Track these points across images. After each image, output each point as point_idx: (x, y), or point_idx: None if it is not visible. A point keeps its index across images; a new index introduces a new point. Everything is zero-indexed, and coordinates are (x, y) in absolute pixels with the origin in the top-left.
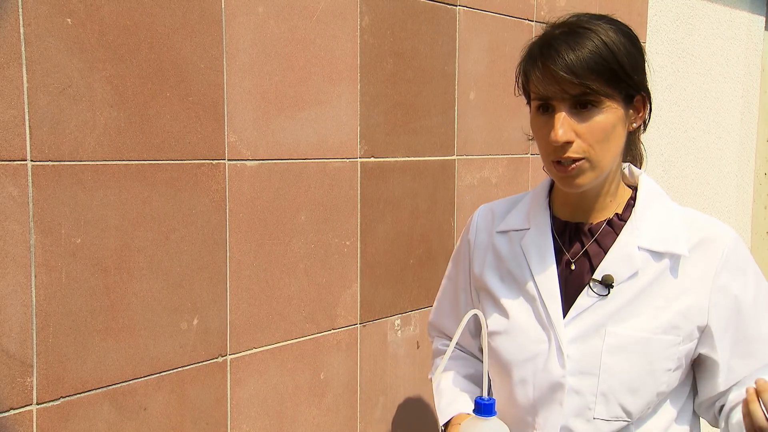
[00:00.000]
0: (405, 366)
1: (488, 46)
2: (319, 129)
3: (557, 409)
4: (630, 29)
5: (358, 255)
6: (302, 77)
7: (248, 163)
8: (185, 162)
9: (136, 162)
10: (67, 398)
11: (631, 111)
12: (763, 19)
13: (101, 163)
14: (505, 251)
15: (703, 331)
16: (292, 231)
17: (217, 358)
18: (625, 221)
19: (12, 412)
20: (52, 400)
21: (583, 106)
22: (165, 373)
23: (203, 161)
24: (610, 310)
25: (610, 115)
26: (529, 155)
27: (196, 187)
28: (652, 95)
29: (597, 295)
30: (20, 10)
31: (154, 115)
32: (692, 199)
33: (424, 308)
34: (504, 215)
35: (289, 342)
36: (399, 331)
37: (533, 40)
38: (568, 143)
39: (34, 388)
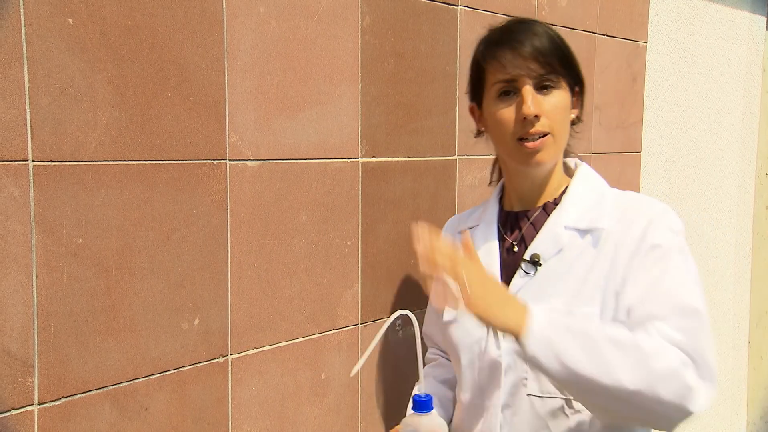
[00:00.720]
0: (406, 366)
1: None
2: (320, 129)
3: (497, 388)
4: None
5: (360, 255)
6: (303, 77)
7: (249, 163)
8: (186, 162)
9: (138, 162)
10: (69, 398)
11: (573, 101)
12: (764, 19)
13: (102, 163)
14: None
15: (618, 295)
16: (293, 231)
17: (218, 358)
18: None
19: (13, 412)
20: (54, 400)
21: (543, 87)
22: (166, 373)
23: (204, 161)
24: (539, 287)
25: (564, 95)
26: None
27: (197, 187)
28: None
29: (528, 275)
30: (22, 10)
31: (155, 116)
32: (693, 199)
33: (425, 309)
34: (467, 217)
35: (290, 342)
36: (400, 332)
37: (489, 34)
38: (537, 117)
39: (36, 388)
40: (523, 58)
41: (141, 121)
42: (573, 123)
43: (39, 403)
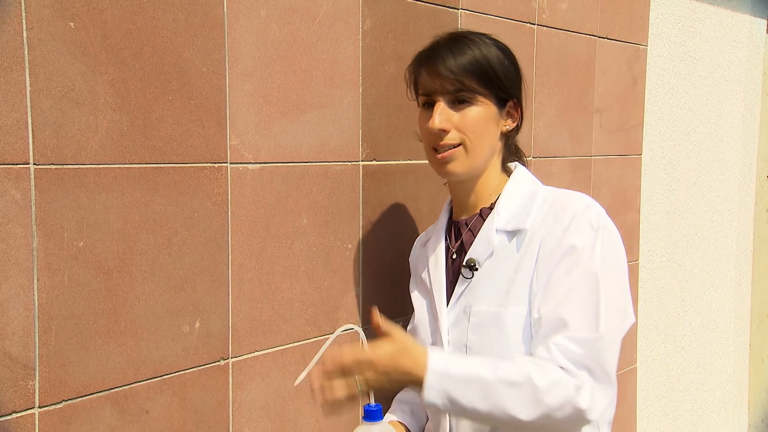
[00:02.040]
0: None
1: None
2: (320, 132)
3: None
4: (507, 47)
5: (360, 258)
6: (304, 80)
7: (250, 166)
8: (187, 165)
9: (139, 165)
10: (70, 401)
11: (504, 114)
12: (765, 22)
13: (104, 166)
14: (420, 259)
15: (535, 297)
16: (294, 234)
17: (219, 361)
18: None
19: (14, 415)
20: (55, 404)
21: (460, 101)
22: (167, 376)
23: (205, 164)
24: (474, 291)
25: (482, 110)
26: (531, 158)
27: (198, 190)
28: (523, 105)
29: (466, 280)
30: (23, 13)
31: (156, 119)
32: (694, 202)
33: None
34: (428, 231)
35: (291, 345)
36: None
37: (423, 48)
38: (444, 131)
39: (37, 391)
40: (436, 77)
41: (142, 124)
42: (509, 134)
43: (40, 406)
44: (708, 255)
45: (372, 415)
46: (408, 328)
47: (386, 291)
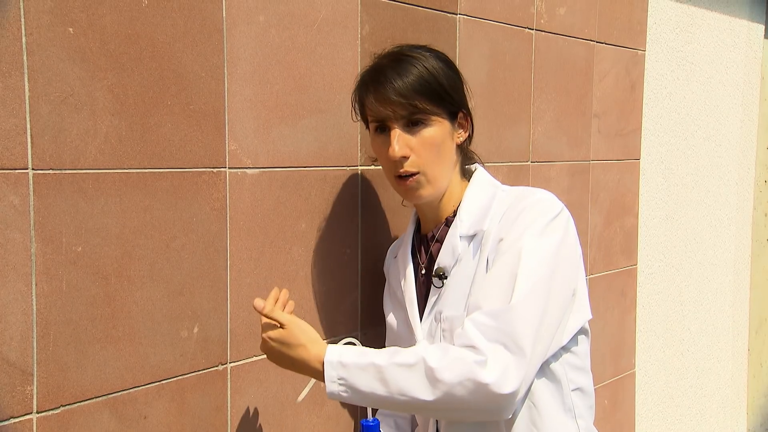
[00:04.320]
0: None
1: (488, 54)
2: (319, 137)
3: None
4: (446, 56)
5: (359, 263)
6: (303, 85)
7: (249, 171)
8: (186, 170)
9: (137, 170)
10: (67, 407)
11: (456, 126)
12: (762, 27)
13: (102, 171)
14: (391, 271)
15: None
16: (293, 239)
17: (217, 366)
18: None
19: (12, 420)
20: (52, 409)
21: (414, 123)
22: (165, 381)
23: (204, 169)
24: (445, 298)
25: (438, 129)
26: (529, 163)
27: (196, 195)
28: (473, 113)
29: (438, 289)
30: (22, 19)
31: (155, 124)
32: (692, 206)
33: None
34: (398, 243)
35: None
36: None
37: (364, 69)
38: (405, 158)
39: (34, 396)
40: (387, 103)
41: (141, 129)
42: (463, 144)
43: (38, 412)
44: (706, 260)
45: (369, 431)
46: (386, 342)
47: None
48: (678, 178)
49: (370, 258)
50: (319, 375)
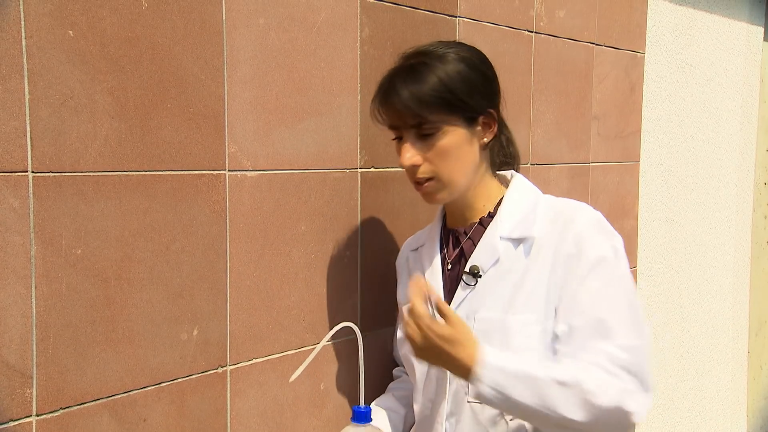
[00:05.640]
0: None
1: (488, 56)
2: (319, 139)
3: (443, 398)
4: (474, 54)
5: (359, 265)
6: (303, 88)
7: (249, 173)
8: (186, 173)
9: (137, 173)
10: (67, 409)
11: (478, 129)
12: (761, 29)
13: (102, 174)
14: (411, 265)
15: (557, 307)
16: (293, 241)
17: (217, 368)
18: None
19: (11, 423)
20: (52, 412)
21: (425, 134)
22: (165, 383)
23: (204, 172)
24: (479, 298)
25: (451, 137)
26: (529, 164)
27: (196, 198)
28: (500, 111)
29: (468, 286)
30: (22, 22)
31: (155, 126)
32: (692, 208)
33: None
34: (418, 237)
35: (289, 352)
36: None
37: (385, 74)
38: (416, 166)
39: (34, 399)
40: (397, 111)
41: (141, 132)
42: (491, 143)
43: (37, 415)
44: (706, 262)
45: (360, 417)
46: (398, 335)
47: (385, 298)
48: (677, 180)
49: (370, 260)
50: (467, 373)
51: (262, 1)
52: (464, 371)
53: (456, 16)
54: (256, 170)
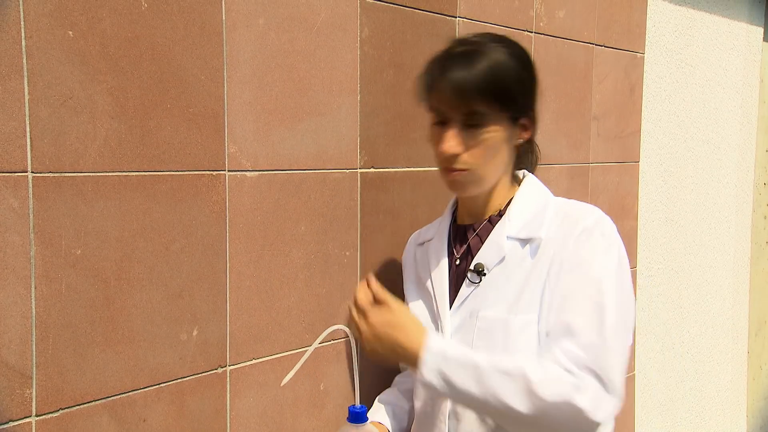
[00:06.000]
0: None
1: None
2: (319, 140)
3: (445, 397)
4: (525, 52)
5: (358, 265)
6: (302, 88)
7: (248, 173)
8: (185, 173)
9: (137, 173)
10: (67, 410)
11: (516, 130)
12: (761, 29)
13: (102, 174)
14: (418, 259)
15: (547, 305)
16: (292, 241)
17: (216, 369)
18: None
19: (11, 423)
20: (52, 412)
21: (472, 124)
22: (164, 384)
23: (203, 172)
24: (483, 296)
25: (495, 134)
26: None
27: (196, 198)
28: (537, 115)
29: (473, 284)
30: (22, 22)
31: (154, 127)
32: (691, 209)
33: None
34: (425, 231)
35: (288, 353)
36: None
37: (435, 56)
38: (456, 155)
39: (34, 399)
40: (451, 96)
41: (140, 132)
42: (523, 145)
43: (37, 415)
44: (706, 262)
45: (356, 417)
46: None
47: None
48: (677, 180)
49: (370, 261)
50: (414, 361)
51: (261, 2)
52: (412, 357)
53: (456, 17)
54: (256, 170)
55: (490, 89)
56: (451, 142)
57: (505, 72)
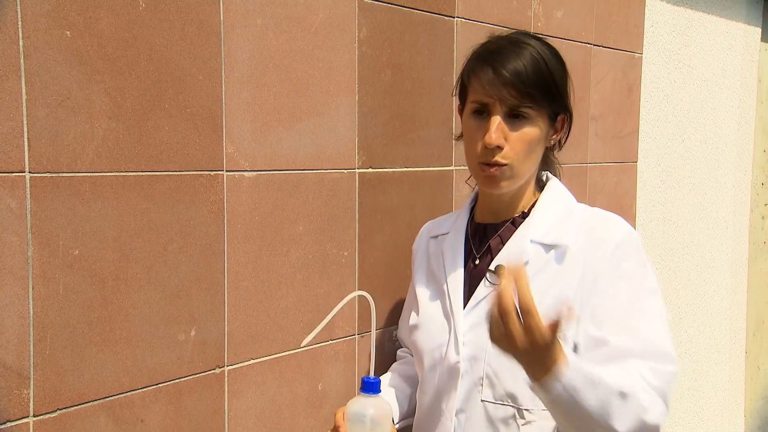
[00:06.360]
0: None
1: None
2: (317, 140)
3: (454, 393)
4: (558, 52)
5: (356, 265)
6: (300, 88)
7: (246, 173)
8: (183, 173)
9: (134, 173)
10: (64, 410)
11: (551, 130)
12: (759, 30)
13: (99, 174)
14: (431, 253)
15: (585, 319)
16: (290, 241)
17: (214, 369)
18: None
19: (8, 424)
20: (49, 412)
21: (516, 116)
22: (162, 384)
23: (201, 172)
24: None
25: (536, 128)
26: None
27: (194, 198)
28: (572, 114)
29: (491, 285)
30: (20, 22)
31: (152, 127)
32: (689, 209)
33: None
34: (440, 224)
35: (286, 353)
36: (396, 342)
37: (477, 49)
38: (499, 148)
39: (31, 400)
40: (500, 84)
41: (138, 132)
42: (553, 146)
43: (34, 415)
44: (703, 262)
45: (369, 387)
46: (409, 323)
47: (382, 299)
48: (675, 180)
49: (368, 261)
50: (544, 370)
51: (259, 2)
52: (543, 368)
53: (454, 17)
54: (254, 171)
55: (541, 77)
56: (497, 133)
57: (552, 67)
